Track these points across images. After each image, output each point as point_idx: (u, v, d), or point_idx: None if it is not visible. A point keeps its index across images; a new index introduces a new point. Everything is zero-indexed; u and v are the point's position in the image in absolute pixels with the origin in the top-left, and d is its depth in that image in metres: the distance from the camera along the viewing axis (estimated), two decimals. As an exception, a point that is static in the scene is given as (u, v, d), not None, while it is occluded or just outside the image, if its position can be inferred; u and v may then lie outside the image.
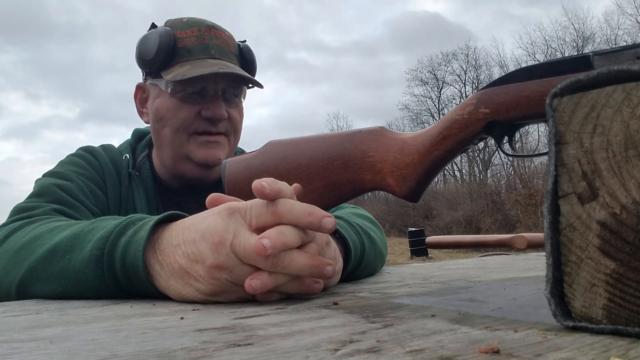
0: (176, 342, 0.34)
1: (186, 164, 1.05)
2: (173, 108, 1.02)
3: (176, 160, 1.05)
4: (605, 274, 0.31)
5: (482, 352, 0.28)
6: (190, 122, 1.02)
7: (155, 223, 0.57)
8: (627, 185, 0.30)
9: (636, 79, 0.31)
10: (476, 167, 24.02)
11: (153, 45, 1.01)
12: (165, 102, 1.03)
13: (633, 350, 0.28)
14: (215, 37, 1.04)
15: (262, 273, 0.51)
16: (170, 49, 1.01)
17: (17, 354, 0.32)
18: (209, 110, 1.01)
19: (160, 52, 1.00)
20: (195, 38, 1.02)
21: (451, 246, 4.84)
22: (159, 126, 1.05)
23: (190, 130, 1.03)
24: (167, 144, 1.05)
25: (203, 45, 1.02)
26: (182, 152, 1.04)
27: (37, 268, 0.63)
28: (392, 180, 0.69)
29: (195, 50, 1.02)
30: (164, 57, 1.01)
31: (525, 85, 0.61)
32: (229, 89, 1.04)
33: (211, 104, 1.01)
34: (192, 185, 1.09)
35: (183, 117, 1.02)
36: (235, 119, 1.06)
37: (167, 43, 1.01)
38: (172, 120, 1.02)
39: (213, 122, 1.02)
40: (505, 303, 0.47)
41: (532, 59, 22.70)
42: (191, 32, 1.03)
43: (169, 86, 1.01)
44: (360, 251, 0.74)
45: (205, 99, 1.02)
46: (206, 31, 1.03)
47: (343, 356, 0.29)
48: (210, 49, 1.02)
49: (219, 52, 1.03)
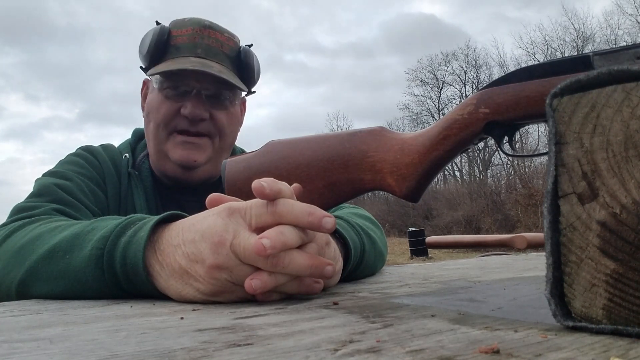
0: (176, 342, 0.34)
1: (166, 162, 1.06)
2: (157, 103, 1.04)
3: (158, 156, 1.06)
4: (605, 274, 0.31)
5: (482, 352, 0.28)
6: (170, 119, 1.03)
7: (155, 223, 0.57)
8: (627, 185, 0.30)
9: (636, 79, 0.31)
10: (476, 167, 24.03)
11: (148, 41, 1.04)
12: (154, 98, 1.05)
13: (633, 350, 0.28)
14: (208, 37, 1.04)
15: (262, 273, 0.51)
16: (162, 46, 1.03)
17: (17, 354, 0.32)
18: (187, 109, 1.01)
19: (152, 48, 1.03)
20: (187, 37, 1.03)
21: (451, 246, 4.85)
22: (147, 121, 1.08)
23: (170, 127, 1.03)
24: (151, 138, 1.06)
25: (192, 44, 1.03)
26: (162, 148, 1.05)
27: (37, 268, 0.63)
28: (392, 180, 0.69)
29: (182, 48, 1.03)
30: (155, 53, 1.03)
31: (525, 85, 0.61)
32: (215, 90, 1.04)
33: (190, 102, 1.02)
34: (178, 185, 1.09)
35: (164, 113, 1.03)
36: (220, 121, 1.05)
37: (159, 40, 1.03)
38: (156, 116, 1.04)
39: (192, 121, 1.02)
40: (505, 303, 0.47)
41: (532, 59, 22.70)
42: (185, 31, 1.04)
43: (157, 82, 1.03)
44: (360, 251, 0.74)
45: (187, 97, 1.02)
46: (200, 30, 1.03)
47: (343, 356, 0.29)
48: (197, 48, 1.03)
49: (206, 52, 1.03)
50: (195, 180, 1.07)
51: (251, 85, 1.12)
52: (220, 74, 1.00)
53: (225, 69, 1.04)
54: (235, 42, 1.09)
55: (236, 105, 1.10)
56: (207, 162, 1.06)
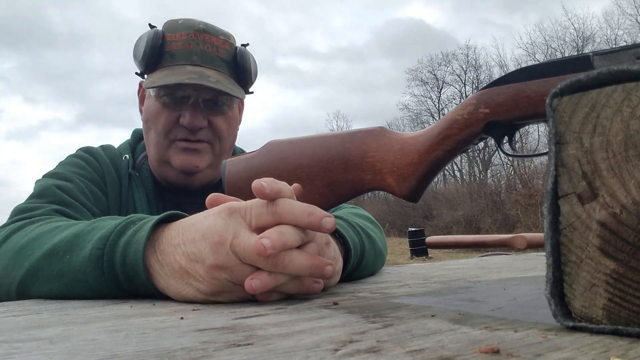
0: (176, 342, 0.34)
1: (168, 169, 1.06)
2: (156, 112, 1.04)
3: (159, 163, 1.06)
4: (605, 274, 0.31)
5: (482, 352, 0.28)
6: (169, 129, 1.03)
7: (155, 223, 0.57)
8: (627, 185, 0.30)
9: (636, 79, 0.31)
10: (476, 167, 24.03)
11: (142, 47, 1.03)
12: (152, 105, 1.05)
13: (633, 350, 0.28)
14: (203, 42, 1.03)
15: (262, 273, 0.51)
16: (157, 52, 1.03)
17: (17, 354, 0.32)
18: (185, 119, 1.01)
19: (146, 54, 1.02)
20: (181, 42, 1.02)
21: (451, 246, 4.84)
22: (146, 127, 1.07)
23: (170, 137, 1.03)
24: (152, 146, 1.06)
25: (187, 51, 1.02)
26: (164, 156, 1.05)
27: (38, 268, 0.63)
28: (392, 180, 0.69)
29: (178, 56, 1.02)
30: (150, 60, 1.03)
31: (525, 85, 0.61)
32: (213, 96, 1.03)
33: (188, 112, 1.01)
34: (179, 189, 1.09)
35: (163, 123, 1.03)
36: (219, 127, 1.05)
37: (154, 45, 1.02)
38: (156, 124, 1.04)
39: (191, 130, 1.02)
40: (505, 303, 0.47)
41: (532, 59, 22.69)
42: (179, 36, 1.03)
43: (153, 90, 1.03)
44: (360, 251, 0.74)
45: (185, 106, 1.02)
46: (194, 35, 1.02)
47: (343, 356, 0.29)
48: (193, 55, 1.02)
49: (202, 59, 1.02)
50: (196, 185, 1.07)
51: (248, 86, 1.12)
52: (217, 84, 0.99)
53: (222, 76, 1.03)
54: (231, 43, 1.08)
55: (234, 109, 1.10)
56: (208, 167, 1.06)
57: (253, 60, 1.11)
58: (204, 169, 1.05)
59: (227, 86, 1.02)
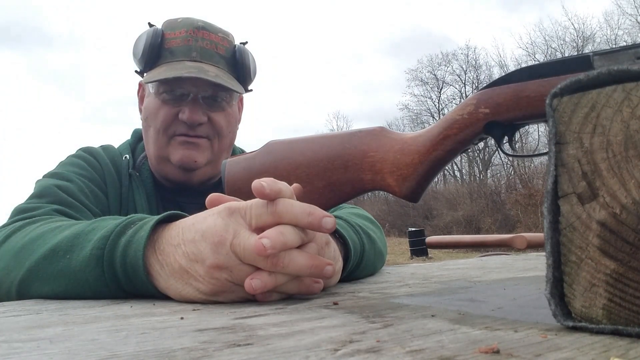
0: (176, 342, 0.34)
1: (167, 166, 1.06)
2: (155, 109, 1.04)
3: (159, 160, 1.07)
4: (605, 274, 0.31)
5: (482, 352, 0.28)
6: (168, 124, 1.03)
7: (155, 223, 0.57)
8: (627, 185, 0.30)
9: (636, 79, 0.31)
10: (476, 167, 24.02)
11: (141, 45, 1.04)
12: (151, 102, 1.05)
13: (633, 350, 0.28)
14: (202, 39, 1.03)
15: (262, 273, 0.51)
16: (156, 50, 1.03)
17: (17, 354, 0.32)
18: (185, 114, 1.01)
19: (146, 52, 1.03)
20: (180, 39, 1.03)
21: (451, 246, 4.84)
22: (146, 125, 1.08)
23: (169, 132, 1.03)
24: (151, 143, 1.06)
25: (186, 47, 1.02)
26: (163, 153, 1.05)
27: (38, 268, 0.63)
28: (392, 180, 0.69)
29: (177, 52, 1.02)
30: (149, 58, 1.03)
31: (525, 85, 0.61)
32: (212, 92, 1.03)
33: (188, 108, 1.01)
34: (177, 187, 1.09)
35: (162, 119, 1.03)
36: (219, 123, 1.05)
37: (153, 43, 1.02)
38: (155, 121, 1.04)
39: (190, 125, 1.02)
40: (505, 303, 0.47)
41: (532, 59, 22.69)
42: (179, 33, 1.03)
43: (153, 86, 1.03)
44: (360, 251, 0.74)
45: (184, 101, 1.02)
46: (193, 32, 1.03)
47: (343, 356, 0.29)
48: (192, 52, 1.02)
49: (201, 55, 1.03)
50: (195, 182, 1.07)
51: (247, 83, 1.12)
52: (216, 78, 1.00)
53: (221, 71, 1.03)
54: (230, 41, 1.09)
55: (233, 105, 1.10)
56: (206, 163, 1.06)
57: (252, 58, 1.11)
58: (203, 165, 1.05)
59: (226, 81, 1.02)
